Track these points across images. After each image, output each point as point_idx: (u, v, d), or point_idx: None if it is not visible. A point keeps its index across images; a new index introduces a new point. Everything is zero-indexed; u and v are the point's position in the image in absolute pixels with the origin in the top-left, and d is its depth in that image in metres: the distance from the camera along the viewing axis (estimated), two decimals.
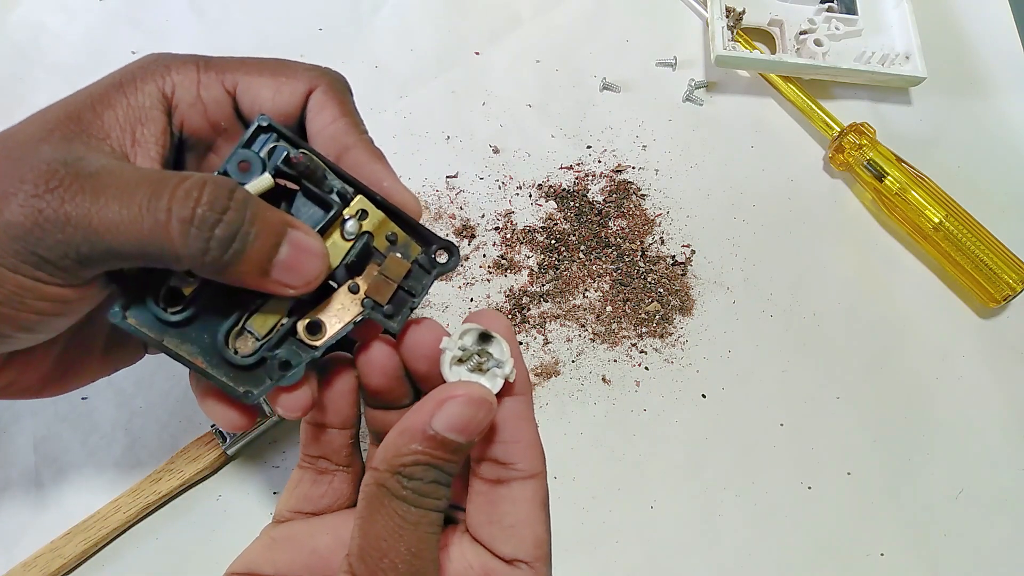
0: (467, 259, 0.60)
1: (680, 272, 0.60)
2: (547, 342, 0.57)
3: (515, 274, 0.59)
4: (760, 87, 0.69)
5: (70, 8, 0.68)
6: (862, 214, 0.65)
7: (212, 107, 0.34)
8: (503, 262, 0.59)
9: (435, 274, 0.35)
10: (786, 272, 0.61)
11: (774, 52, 0.69)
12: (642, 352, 0.57)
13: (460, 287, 0.58)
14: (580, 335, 0.57)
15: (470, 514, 0.34)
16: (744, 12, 0.69)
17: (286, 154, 0.32)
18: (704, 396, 0.56)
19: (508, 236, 0.60)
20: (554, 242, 0.60)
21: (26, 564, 0.46)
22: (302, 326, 0.33)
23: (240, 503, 0.50)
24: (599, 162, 0.65)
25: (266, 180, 0.31)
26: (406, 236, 0.35)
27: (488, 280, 0.59)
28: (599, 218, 0.62)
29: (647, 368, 0.57)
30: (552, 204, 0.62)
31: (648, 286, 0.59)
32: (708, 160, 0.66)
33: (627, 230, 0.62)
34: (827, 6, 0.70)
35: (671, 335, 0.58)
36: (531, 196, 0.62)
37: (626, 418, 0.55)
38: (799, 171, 0.66)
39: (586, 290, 0.59)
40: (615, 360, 0.57)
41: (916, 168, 0.62)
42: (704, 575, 0.51)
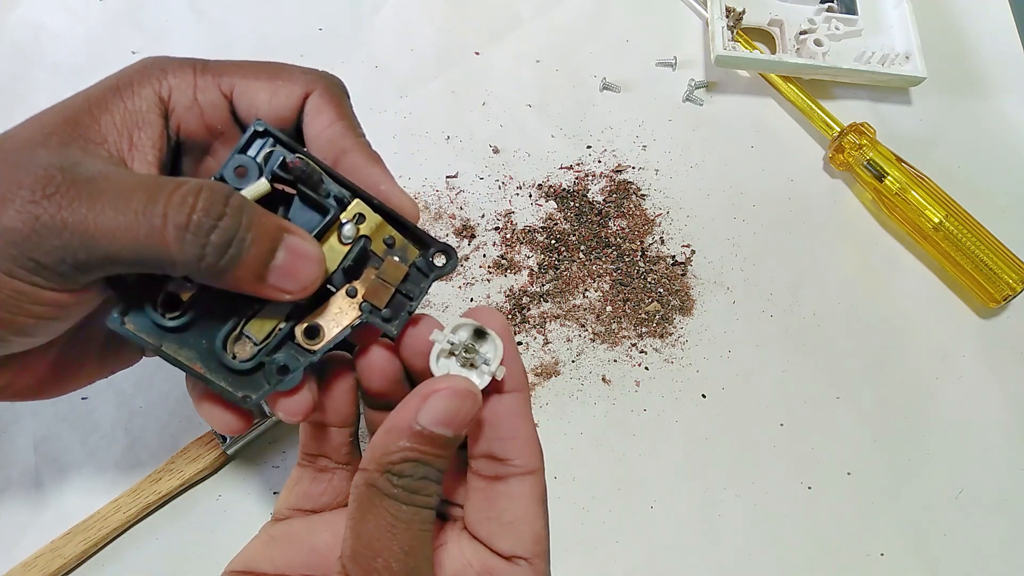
0: (467, 259, 0.60)
1: (680, 272, 0.60)
2: (547, 342, 0.57)
3: (515, 274, 0.59)
4: (760, 87, 0.69)
5: (70, 8, 0.68)
6: (862, 214, 0.65)
7: (209, 111, 0.34)
8: (503, 262, 0.59)
9: (433, 277, 0.35)
10: (786, 272, 0.61)
11: (774, 52, 0.69)
12: (642, 352, 0.57)
13: (460, 287, 0.58)
14: (580, 335, 0.57)
15: (468, 511, 0.34)
16: (744, 12, 0.69)
17: (282, 159, 0.32)
18: (704, 396, 0.56)
19: (508, 236, 0.60)
20: (554, 242, 0.60)
21: (26, 564, 0.46)
22: (300, 330, 0.33)
23: (240, 503, 0.50)
24: (599, 162, 0.65)
25: (262, 185, 0.31)
26: (404, 239, 0.35)
27: (488, 280, 0.59)
28: (599, 218, 0.62)
29: (647, 368, 0.57)
30: (552, 204, 0.62)
31: (648, 286, 0.59)
32: (708, 160, 0.66)
33: (627, 230, 0.62)
34: (827, 6, 0.70)
35: (671, 335, 0.58)
36: (531, 196, 0.62)
37: (626, 418, 0.55)
38: (799, 171, 0.66)
39: (586, 290, 0.59)
40: (615, 360, 0.57)
41: (916, 168, 0.62)
42: (704, 575, 0.51)
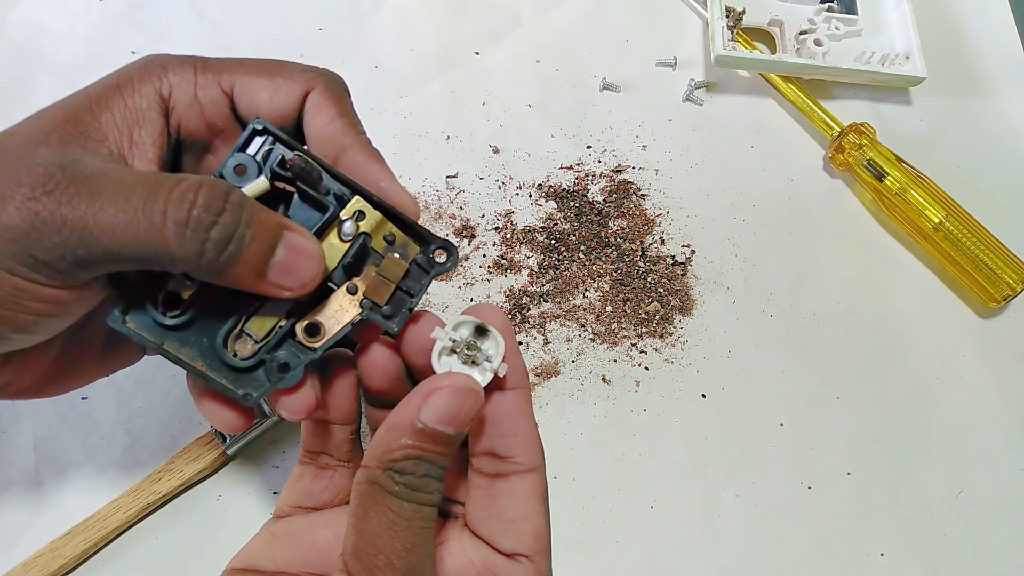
0: (467, 259, 0.60)
1: (680, 272, 0.60)
2: (547, 342, 0.57)
3: (515, 274, 0.59)
4: (760, 87, 0.69)
5: (70, 8, 0.68)
6: (862, 214, 0.65)
7: (209, 108, 0.34)
8: (503, 262, 0.59)
9: (433, 274, 0.35)
10: (786, 272, 0.61)
11: (774, 52, 0.69)
12: (642, 352, 0.57)
13: (460, 287, 0.58)
14: (580, 335, 0.57)
15: (469, 508, 0.34)
16: (744, 12, 0.69)
17: (281, 156, 0.32)
18: (704, 396, 0.56)
19: (508, 236, 0.60)
20: (554, 242, 0.60)
21: (26, 564, 0.46)
22: (301, 328, 0.33)
23: (240, 503, 0.50)
24: (599, 162, 0.65)
25: (262, 183, 0.31)
26: (404, 236, 0.34)
27: (488, 280, 0.59)
28: (599, 218, 0.62)
29: (647, 368, 0.57)
30: (552, 204, 0.62)
31: (648, 286, 0.59)
32: (708, 160, 0.66)
33: (627, 230, 0.62)
34: (827, 6, 0.70)
35: (671, 335, 0.58)
36: (531, 196, 0.62)
37: (626, 418, 0.55)
38: (799, 171, 0.66)
39: (586, 290, 0.59)
40: (615, 360, 0.57)
41: (916, 168, 0.62)
42: (704, 575, 0.51)
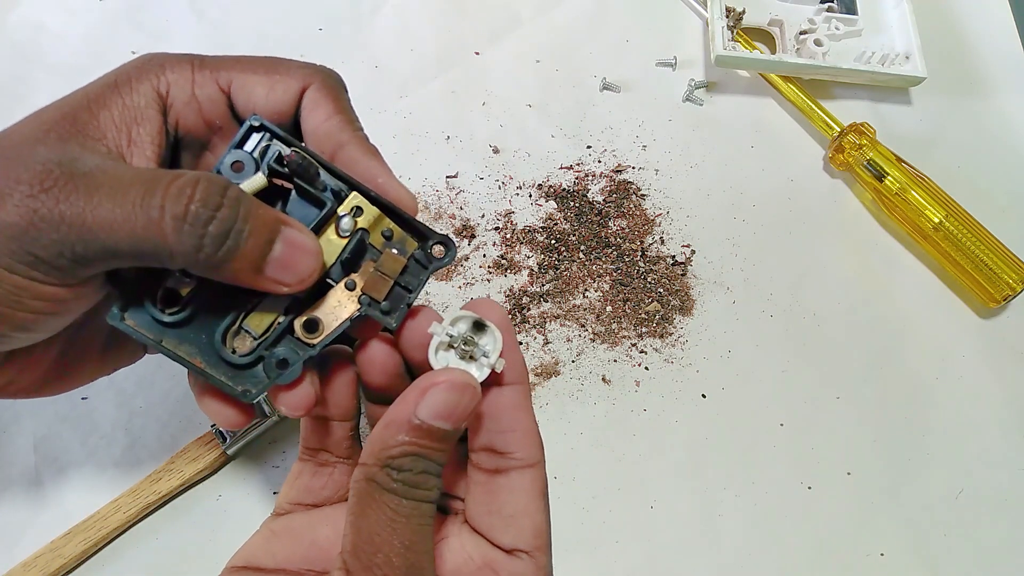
0: (467, 259, 0.60)
1: (680, 272, 0.60)
2: (547, 342, 0.57)
3: (515, 274, 0.59)
4: (760, 87, 0.69)
5: (70, 8, 0.68)
6: (862, 214, 0.65)
7: (207, 105, 0.35)
8: (503, 262, 0.59)
9: (431, 269, 0.35)
10: (786, 272, 0.61)
11: (774, 52, 0.69)
12: (642, 352, 0.57)
13: (460, 287, 0.58)
14: (580, 335, 0.57)
15: (469, 504, 0.34)
16: (744, 12, 0.69)
17: (278, 153, 0.32)
18: (704, 396, 0.56)
19: (508, 236, 0.60)
20: (554, 242, 0.60)
21: (26, 564, 0.46)
22: (299, 324, 0.33)
23: (240, 503, 0.50)
24: (599, 162, 0.65)
25: (259, 180, 0.31)
26: (402, 232, 0.34)
27: (488, 280, 0.59)
28: (599, 218, 0.62)
29: (647, 368, 0.57)
30: (552, 204, 0.62)
31: (648, 286, 0.59)
32: (708, 160, 0.66)
33: (627, 230, 0.62)
34: (827, 6, 0.70)
35: (671, 335, 0.58)
36: (531, 196, 0.62)
37: (626, 418, 0.55)
38: (799, 171, 0.66)
39: (586, 290, 0.59)
40: (615, 360, 0.57)
41: (916, 168, 0.62)
42: (704, 575, 0.51)
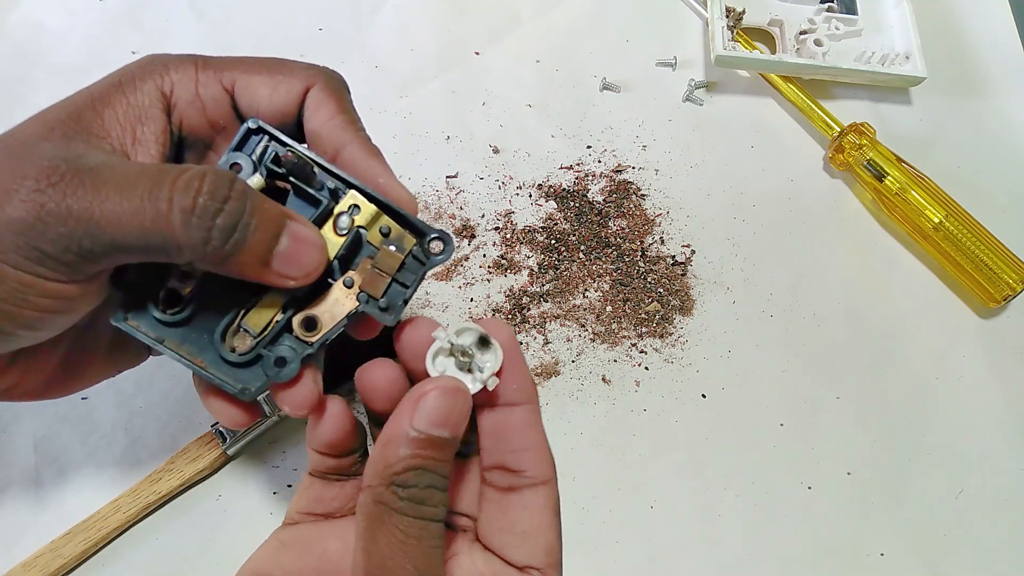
0: (467, 259, 0.60)
1: (680, 272, 0.60)
2: (547, 342, 0.57)
3: (515, 274, 0.59)
4: (760, 87, 0.69)
5: (70, 8, 0.68)
6: (862, 214, 0.65)
7: (211, 105, 0.35)
8: (503, 262, 0.59)
9: (429, 264, 0.35)
10: (786, 272, 0.61)
11: (774, 52, 0.69)
12: (642, 352, 0.57)
13: (460, 287, 0.58)
14: (580, 335, 0.57)
15: (481, 522, 0.34)
16: (744, 12, 0.69)
17: (275, 153, 0.32)
18: (704, 396, 0.56)
19: (508, 236, 0.60)
20: (554, 242, 0.60)
21: (26, 564, 0.46)
22: (298, 322, 0.33)
23: (240, 503, 0.50)
24: (599, 162, 0.65)
25: (257, 181, 0.32)
26: (400, 229, 0.34)
27: (488, 280, 0.59)
28: (599, 218, 0.62)
29: (647, 368, 0.57)
30: (552, 204, 0.62)
31: (648, 286, 0.59)
32: (708, 160, 0.66)
33: (627, 230, 0.62)
34: (827, 6, 0.70)
35: (671, 335, 0.58)
36: (531, 196, 0.62)
37: (626, 418, 0.55)
38: (799, 171, 0.66)
39: (586, 290, 0.59)
40: (615, 360, 0.57)
41: (916, 168, 0.62)
42: (704, 575, 0.51)
